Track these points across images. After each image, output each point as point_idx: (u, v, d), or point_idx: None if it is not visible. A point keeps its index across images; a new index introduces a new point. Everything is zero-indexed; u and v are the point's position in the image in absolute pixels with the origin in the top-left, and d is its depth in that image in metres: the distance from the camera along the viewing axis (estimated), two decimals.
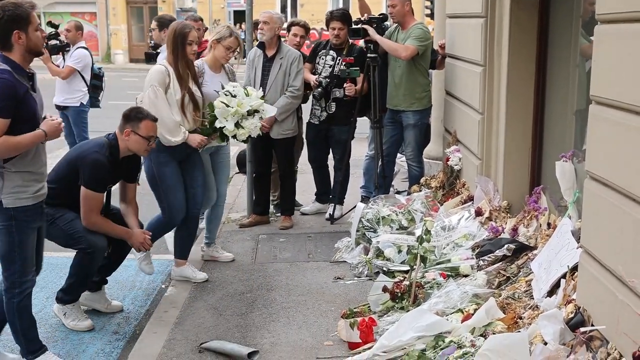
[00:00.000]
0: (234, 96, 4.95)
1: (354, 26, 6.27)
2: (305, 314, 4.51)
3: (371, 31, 6.20)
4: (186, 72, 4.83)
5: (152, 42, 7.45)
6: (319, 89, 6.31)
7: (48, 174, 4.42)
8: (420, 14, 7.42)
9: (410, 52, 6.08)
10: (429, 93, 6.53)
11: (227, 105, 4.90)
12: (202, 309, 4.60)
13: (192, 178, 5.02)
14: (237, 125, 4.94)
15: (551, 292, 3.65)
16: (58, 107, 8.19)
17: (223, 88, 5.01)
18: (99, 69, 8.52)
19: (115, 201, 4.67)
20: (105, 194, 4.46)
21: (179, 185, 4.94)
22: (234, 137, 5.03)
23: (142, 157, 4.68)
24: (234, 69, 5.48)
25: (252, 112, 5.00)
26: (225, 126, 4.92)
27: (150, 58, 7.83)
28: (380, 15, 6.49)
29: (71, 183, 4.33)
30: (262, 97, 5.17)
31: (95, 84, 8.32)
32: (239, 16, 29.94)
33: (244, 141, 5.14)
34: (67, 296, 4.42)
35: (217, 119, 4.93)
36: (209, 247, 5.62)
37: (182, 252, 5.20)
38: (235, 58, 5.85)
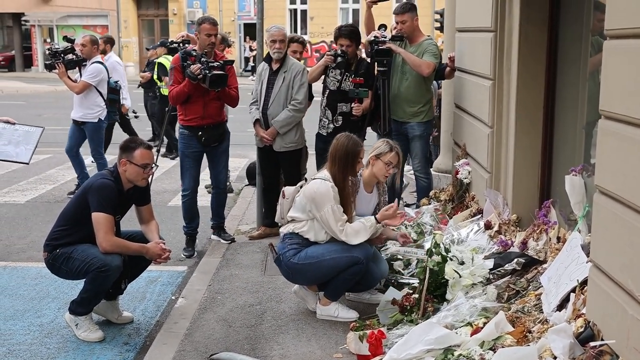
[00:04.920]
0: (462, 263, 4.49)
1: (380, 47, 6.19)
2: (314, 326, 4.52)
3: (394, 46, 6.24)
4: (349, 190, 4.55)
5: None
6: (340, 59, 6.24)
7: (57, 218, 4.54)
8: (429, 28, 7.47)
9: (432, 68, 6.18)
10: (432, 106, 6.56)
11: (460, 275, 4.36)
12: (212, 320, 4.62)
13: None
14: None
15: (561, 306, 3.65)
16: (76, 122, 8.18)
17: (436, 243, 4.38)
18: (116, 82, 8.50)
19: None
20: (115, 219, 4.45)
21: None
22: None
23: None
24: (385, 188, 5.05)
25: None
26: (453, 298, 4.30)
27: (175, 52, 7.95)
28: (380, 26, 6.53)
29: (82, 217, 4.38)
30: (475, 250, 4.64)
31: (113, 97, 8.31)
32: (250, 29, 30.13)
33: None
34: (79, 308, 4.46)
35: (445, 286, 4.35)
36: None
37: (333, 293, 4.64)
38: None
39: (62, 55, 8.02)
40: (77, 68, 8.14)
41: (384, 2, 6.87)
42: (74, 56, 8.07)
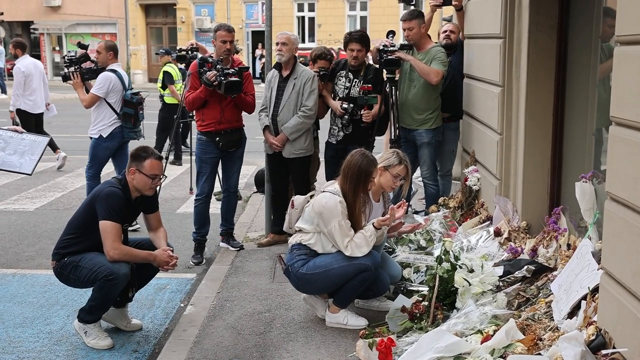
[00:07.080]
0: (471, 270, 4.44)
1: (389, 56, 6.17)
2: (323, 333, 4.51)
3: (403, 55, 6.24)
4: (359, 207, 4.51)
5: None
6: (346, 117, 6.31)
7: (65, 226, 4.56)
8: (437, 35, 7.50)
9: (441, 76, 6.17)
10: (440, 112, 6.52)
11: (469, 284, 4.32)
12: (220, 328, 4.62)
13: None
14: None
15: (572, 314, 3.63)
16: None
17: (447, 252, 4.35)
18: (134, 94, 7.11)
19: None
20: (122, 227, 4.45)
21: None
22: None
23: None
24: (389, 196, 5.05)
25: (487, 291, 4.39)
26: (463, 306, 4.27)
27: (183, 59, 7.74)
28: (389, 32, 6.53)
29: (90, 225, 4.39)
30: (485, 257, 4.63)
31: (128, 112, 7.01)
32: (258, 37, 30.22)
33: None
34: (88, 316, 4.46)
35: (455, 295, 4.33)
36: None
37: (342, 300, 4.63)
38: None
39: (78, 63, 7.08)
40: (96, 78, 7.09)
41: (447, 6, 6.86)
42: (93, 64, 7.16)
